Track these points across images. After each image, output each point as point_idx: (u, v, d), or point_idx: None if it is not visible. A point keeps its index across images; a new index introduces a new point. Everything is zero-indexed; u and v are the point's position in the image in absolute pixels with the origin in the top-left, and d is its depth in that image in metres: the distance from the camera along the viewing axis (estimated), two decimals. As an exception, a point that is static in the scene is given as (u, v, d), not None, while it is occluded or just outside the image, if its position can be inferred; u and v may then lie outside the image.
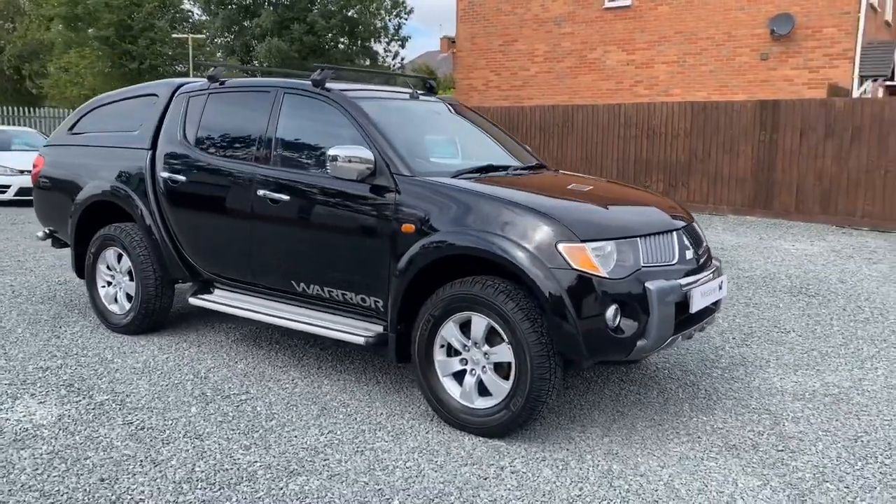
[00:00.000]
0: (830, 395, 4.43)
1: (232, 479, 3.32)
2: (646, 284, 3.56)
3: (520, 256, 3.53)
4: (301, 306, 4.62)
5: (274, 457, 3.53)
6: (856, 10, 14.61)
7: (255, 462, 3.47)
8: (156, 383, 4.49)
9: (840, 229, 11.44)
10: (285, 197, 4.45)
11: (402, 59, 41.14)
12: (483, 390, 3.78)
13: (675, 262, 3.83)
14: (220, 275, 4.97)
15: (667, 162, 13.26)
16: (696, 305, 3.81)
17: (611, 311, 3.49)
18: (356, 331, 4.28)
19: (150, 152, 5.28)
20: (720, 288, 4.10)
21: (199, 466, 3.43)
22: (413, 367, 4.00)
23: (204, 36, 35.03)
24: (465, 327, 3.81)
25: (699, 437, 3.82)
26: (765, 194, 12.46)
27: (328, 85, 4.57)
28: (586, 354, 3.51)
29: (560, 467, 3.46)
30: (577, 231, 3.58)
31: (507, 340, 3.62)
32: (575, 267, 3.48)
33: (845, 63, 14.70)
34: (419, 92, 5.16)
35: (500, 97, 18.94)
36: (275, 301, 4.75)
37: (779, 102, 12.43)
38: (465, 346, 3.80)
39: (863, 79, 14.89)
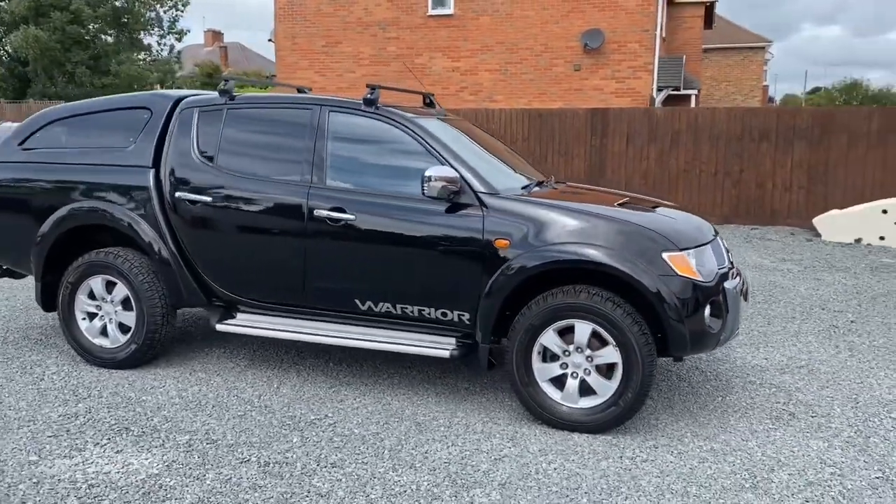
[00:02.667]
0: (803, 367, 5.36)
1: (415, 500, 3.38)
2: (724, 285, 4.15)
3: (633, 267, 3.95)
4: (355, 324, 4.63)
5: (430, 473, 3.62)
6: (653, 28, 16.66)
7: (419, 481, 3.55)
8: (220, 417, 4.28)
9: (668, 223, 13.09)
10: (350, 217, 4.44)
11: (179, 54, 38.99)
12: (584, 391, 4.15)
13: (725, 264, 4.46)
14: (255, 298, 4.78)
15: (512, 164, 14.21)
16: (741, 301, 4.48)
17: (707, 310, 4.04)
18: (432, 345, 4.42)
19: (152, 171, 4.91)
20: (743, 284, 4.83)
21: (372, 492, 3.44)
22: (509, 375, 4.25)
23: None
24: (561, 333, 4.14)
25: (746, 413, 4.49)
26: (600, 193, 13.86)
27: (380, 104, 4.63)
28: (689, 350, 4.03)
29: (675, 451, 3.93)
30: (675, 241, 4.08)
31: (613, 343, 4.02)
32: (679, 274, 3.97)
33: (646, 75, 16.71)
34: (444, 110, 5.33)
35: (325, 99, 18.87)
36: (322, 321, 4.70)
37: (608, 111, 13.88)
38: (566, 351, 4.14)
39: (660, 89, 17.02)
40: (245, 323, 4.81)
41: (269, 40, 19.97)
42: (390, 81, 17.91)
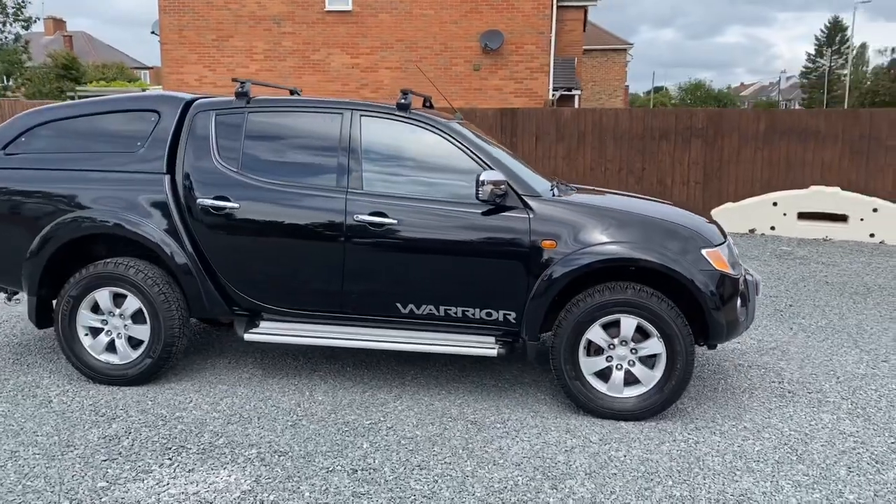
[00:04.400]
0: (774, 349, 5.91)
1: (520, 495, 3.51)
2: (746, 277, 4.55)
3: (681, 266, 4.25)
4: (392, 328, 4.66)
5: (517, 468, 3.75)
6: (549, 31, 17.33)
7: (513, 476, 3.67)
8: (272, 428, 4.19)
9: (578, 218, 13.75)
10: (391, 221, 4.47)
11: (28, 44, 36.17)
12: (627, 382, 4.41)
13: (738, 257, 4.87)
14: (285, 306, 4.69)
15: (425, 162, 14.39)
16: (748, 293, 4.91)
17: (738, 301, 4.42)
18: (476, 344, 4.54)
19: (167, 176, 4.70)
20: None
21: (476, 490, 3.53)
22: (556, 371, 4.44)
23: None
24: (605, 327, 4.39)
25: (753, 393, 4.93)
26: (512, 190, 14.31)
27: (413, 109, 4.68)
28: (725, 338, 4.39)
29: (717, 432, 4.28)
30: (710, 238, 4.43)
31: (657, 335, 4.31)
32: (717, 268, 4.32)
33: (543, 76, 17.37)
34: (460, 114, 5.41)
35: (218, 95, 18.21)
36: (355, 326, 4.69)
37: (517, 111, 14.35)
38: (611, 344, 4.39)
39: (556, 90, 17.73)
40: (275, 331, 4.71)
41: (153, 32, 18.99)
42: (287, 77, 17.59)
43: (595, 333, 4.37)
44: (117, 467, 3.70)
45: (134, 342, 4.79)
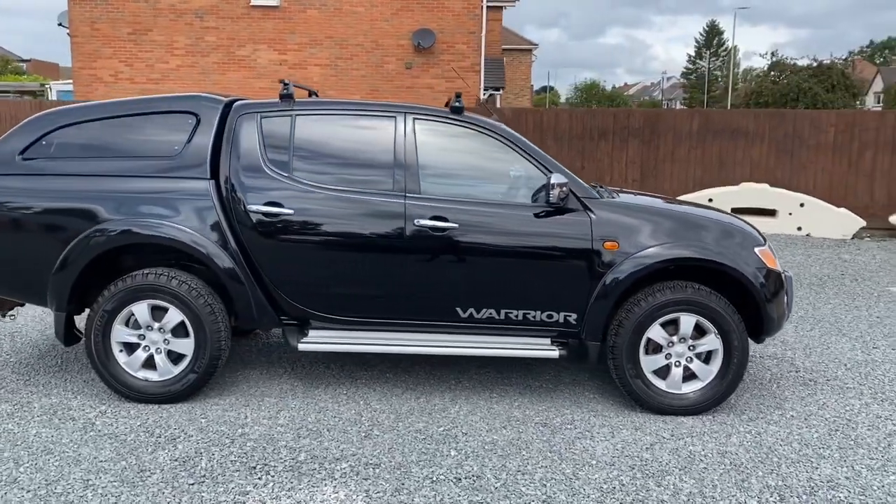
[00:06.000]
0: (777, 340, 6.23)
1: (630, 493, 3.57)
2: (785, 274, 4.79)
3: (742, 265, 4.42)
4: (447, 332, 4.63)
5: (613, 468, 3.82)
6: (479, 31, 17.50)
7: (615, 476, 3.73)
8: (348, 440, 4.09)
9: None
10: (452, 225, 4.43)
11: None
12: (685, 377, 4.56)
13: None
14: (338, 313, 4.56)
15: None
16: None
17: (785, 296, 4.65)
18: (537, 347, 4.58)
19: (211, 182, 4.48)
20: None
21: (590, 493, 3.56)
22: (617, 370, 4.53)
23: None
24: (663, 325, 4.52)
25: (781, 383, 5.20)
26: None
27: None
28: (774, 331, 4.61)
29: (771, 422, 4.49)
30: (759, 237, 4.63)
31: (714, 332, 4.48)
32: (769, 266, 4.53)
33: (474, 75, 17.52)
34: (496, 115, 5.40)
35: (135, 91, 17.33)
36: (408, 332, 4.63)
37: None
38: (670, 342, 4.52)
39: (487, 89, 17.91)
40: (329, 340, 4.58)
41: (60, 24, 17.83)
42: (211, 73, 16.98)
43: (655, 332, 4.49)
44: (210, 490, 3.50)
45: (173, 357, 4.53)
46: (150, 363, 4.52)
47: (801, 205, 12.46)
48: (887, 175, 13.14)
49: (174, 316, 4.45)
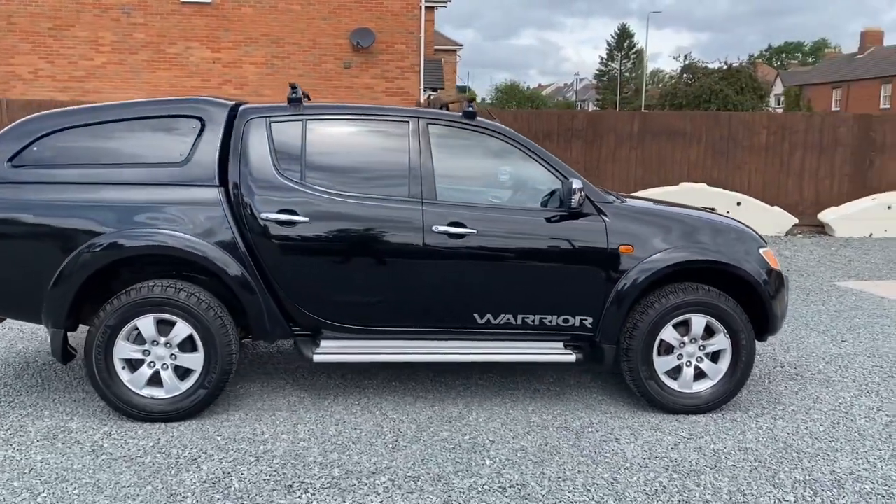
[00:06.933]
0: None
1: (673, 494, 3.63)
2: (782, 273, 4.97)
3: (750, 266, 4.56)
4: (462, 339, 4.59)
5: (648, 469, 3.87)
6: (418, 32, 17.44)
7: (654, 478, 3.78)
8: (374, 452, 4.00)
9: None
10: (471, 231, 4.40)
11: None
12: (695, 377, 4.66)
13: None
14: (353, 322, 4.45)
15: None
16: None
17: (785, 295, 4.82)
18: (552, 351, 4.60)
19: (220, 189, 4.30)
20: None
21: (635, 496, 3.60)
22: (629, 372, 4.59)
23: None
24: (674, 327, 4.61)
25: (775, 378, 5.39)
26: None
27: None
28: (777, 329, 4.77)
29: (780, 417, 4.64)
30: (761, 239, 4.78)
31: (723, 332, 4.60)
32: (772, 267, 4.69)
33: (414, 76, 17.45)
34: (497, 119, 5.36)
35: (57, 89, 16.49)
36: (422, 340, 4.57)
37: (403, 110, 14.34)
38: (682, 342, 4.62)
39: (426, 89, 17.88)
40: (345, 350, 4.46)
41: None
42: (141, 72, 16.36)
43: (668, 333, 4.58)
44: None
45: (180, 372, 4.33)
46: (155, 380, 4.30)
47: (738, 203, 12.97)
48: (815, 175, 13.84)
49: (182, 330, 4.25)
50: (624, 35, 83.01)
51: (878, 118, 14.18)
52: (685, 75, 43.28)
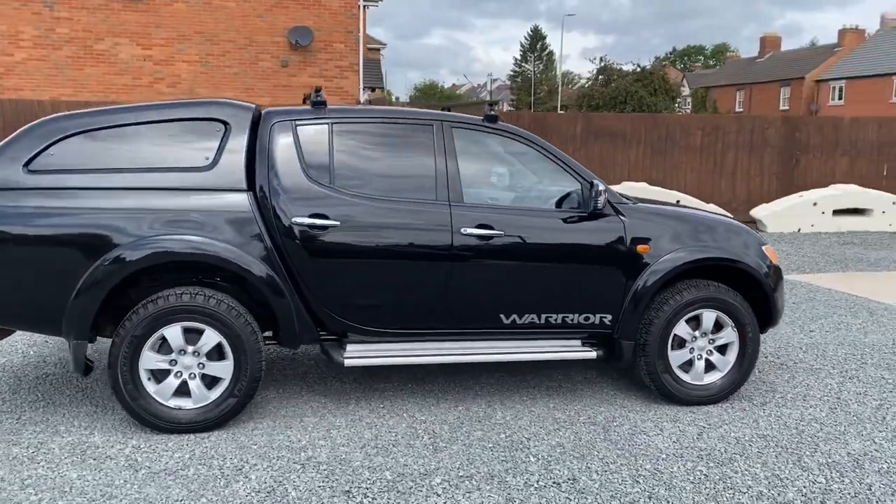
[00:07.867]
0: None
1: (717, 483, 3.80)
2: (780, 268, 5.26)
3: (757, 263, 4.80)
4: (486, 339, 4.67)
5: (685, 460, 4.03)
6: (357, 31, 17.33)
7: (695, 468, 3.94)
8: (415, 455, 4.02)
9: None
10: (498, 232, 4.46)
11: None
12: (706, 369, 4.88)
13: None
14: (381, 325, 4.44)
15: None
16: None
17: (784, 288, 5.10)
18: (573, 348, 4.73)
19: (249, 194, 4.22)
20: None
21: (686, 486, 3.75)
22: (646, 367, 4.76)
23: None
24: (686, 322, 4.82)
25: (763, 368, 5.69)
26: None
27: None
28: (777, 323, 5.05)
29: (795, 406, 4.89)
30: (761, 236, 5.04)
31: (731, 325, 4.84)
32: (774, 263, 4.95)
33: (353, 75, 17.33)
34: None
35: (-26, 85, 15.56)
36: (446, 341, 4.62)
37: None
38: (694, 336, 4.82)
39: (366, 88, 17.77)
40: (375, 353, 4.46)
41: None
42: (65, 68, 15.67)
43: (681, 328, 4.78)
44: (321, 520, 3.33)
45: (207, 381, 4.22)
46: (181, 390, 4.18)
47: (678, 202, 13.48)
48: (746, 174, 14.56)
49: (211, 338, 4.14)
50: (537, 37, 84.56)
51: (803, 120, 15.05)
52: (601, 77, 44.59)
